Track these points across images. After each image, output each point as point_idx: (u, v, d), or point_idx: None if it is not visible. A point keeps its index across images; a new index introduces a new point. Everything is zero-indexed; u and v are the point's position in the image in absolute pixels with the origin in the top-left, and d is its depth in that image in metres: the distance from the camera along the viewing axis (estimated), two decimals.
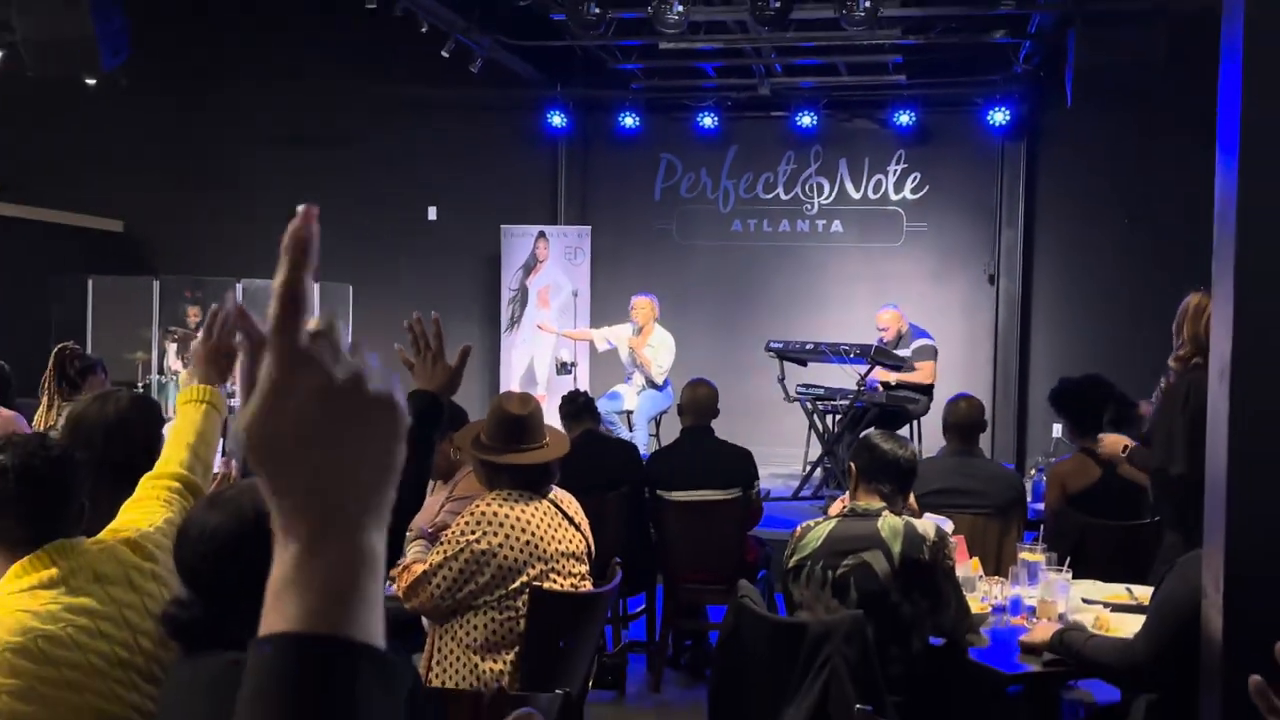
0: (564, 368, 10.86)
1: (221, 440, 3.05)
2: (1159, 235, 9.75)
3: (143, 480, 2.59)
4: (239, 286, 11.24)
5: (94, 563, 2.16)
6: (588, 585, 3.89)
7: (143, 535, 2.29)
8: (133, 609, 2.14)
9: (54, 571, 2.08)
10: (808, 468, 9.23)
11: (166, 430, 3.33)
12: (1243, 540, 2.56)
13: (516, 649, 3.62)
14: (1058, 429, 9.88)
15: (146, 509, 2.44)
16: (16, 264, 10.79)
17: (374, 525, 0.72)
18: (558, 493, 4.00)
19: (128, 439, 2.94)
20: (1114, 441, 4.03)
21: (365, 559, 0.70)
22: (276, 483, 0.72)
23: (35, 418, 5.57)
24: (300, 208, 0.76)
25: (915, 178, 11.33)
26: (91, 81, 9.25)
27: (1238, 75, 2.59)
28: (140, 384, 9.94)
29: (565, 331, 10.72)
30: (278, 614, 0.68)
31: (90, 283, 11.33)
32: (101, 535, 2.31)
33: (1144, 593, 3.74)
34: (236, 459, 3.33)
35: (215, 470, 2.97)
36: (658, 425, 9.02)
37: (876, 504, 3.62)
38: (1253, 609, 2.46)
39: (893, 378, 8.77)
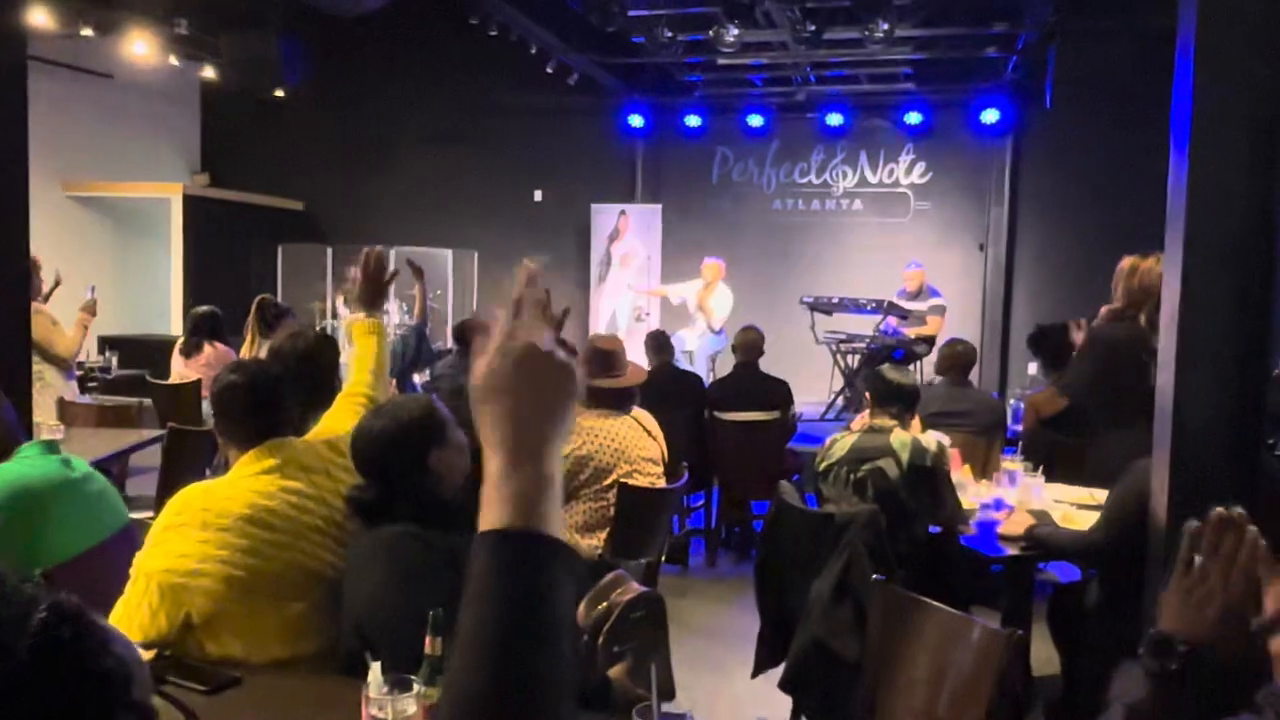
0: (639, 317, 10.95)
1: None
2: (1117, 211, 9.54)
3: (339, 397, 2.71)
4: (392, 252, 11.40)
5: (301, 456, 2.25)
6: (661, 483, 3.96)
7: (338, 438, 2.38)
8: (329, 491, 2.22)
9: (272, 461, 2.18)
10: (832, 396, 9.29)
11: (344, 358, 3.44)
12: (1183, 449, 2.56)
13: (607, 529, 3.71)
14: (1033, 367, 9.77)
15: (340, 418, 2.54)
16: (225, 235, 11.06)
17: (552, 456, 0.82)
18: (638, 411, 4.09)
19: (315, 364, 3.06)
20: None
21: (546, 479, 0.80)
22: (489, 419, 0.84)
23: (241, 351, 5.73)
24: (526, 265, 0.94)
25: (921, 166, 11.19)
26: (279, 94, 9.36)
27: (1189, 87, 2.55)
28: (319, 326, 10.15)
29: (649, 290, 10.77)
30: (489, 518, 0.78)
31: (280, 250, 11.56)
32: (306, 437, 2.40)
33: (1101, 494, 3.72)
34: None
35: None
36: (713, 362, 9.07)
37: (889, 423, 3.63)
38: (1191, 505, 2.46)
39: (911, 332, 8.77)
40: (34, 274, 4.39)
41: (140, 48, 9.06)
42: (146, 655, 1.93)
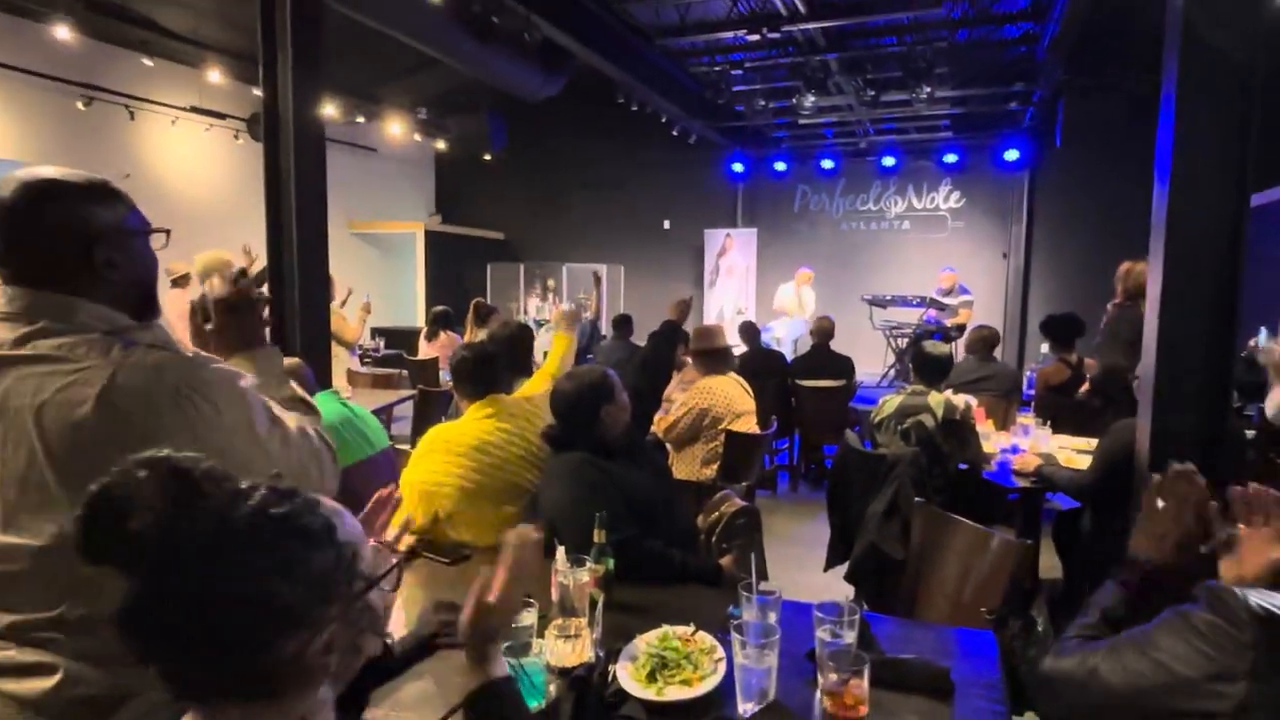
0: (740, 310, 10.90)
1: None
2: (1112, 226, 8.97)
3: (536, 373, 2.84)
4: (564, 268, 11.67)
5: (509, 407, 2.35)
6: (757, 430, 3.95)
7: (534, 396, 2.48)
8: (529, 431, 2.30)
9: (490, 410, 2.29)
10: (885, 369, 9.07)
11: (538, 343, 3.56)
12: (1162, 413, 2.43)
13: (718, 462, 3.73)
14: (1044, 347, 9.26)
15: (535, 385, 2.66)
16: (452, 257, 11.50)
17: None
18: (734, 375, 4.08)
19: (518, 345, 3.18)
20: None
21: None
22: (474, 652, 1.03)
23: (464, 337, 5.99)
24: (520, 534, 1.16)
25: (956, 194, 10.69)
26: (487, 157, 9.67)
27: (1170, 131, 2.39)
28: (517, 319, 10.52)
29: (777, 307, 9.85)
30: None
31: (488, 267, 11.97)
32: (513, 395, 2.51)
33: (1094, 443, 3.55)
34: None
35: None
36: (795, 344, 8.96)
37: (924, 387, 3.55)
38: (1169, 452, 2.34)
39: (949, 322, 8.48)
40: (331, 286, 4.69)
41: (395, 129, 9.54)
42: (409, 540, 2.09)
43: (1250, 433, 3.77)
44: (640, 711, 1.33)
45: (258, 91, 3.75)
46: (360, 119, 9.33)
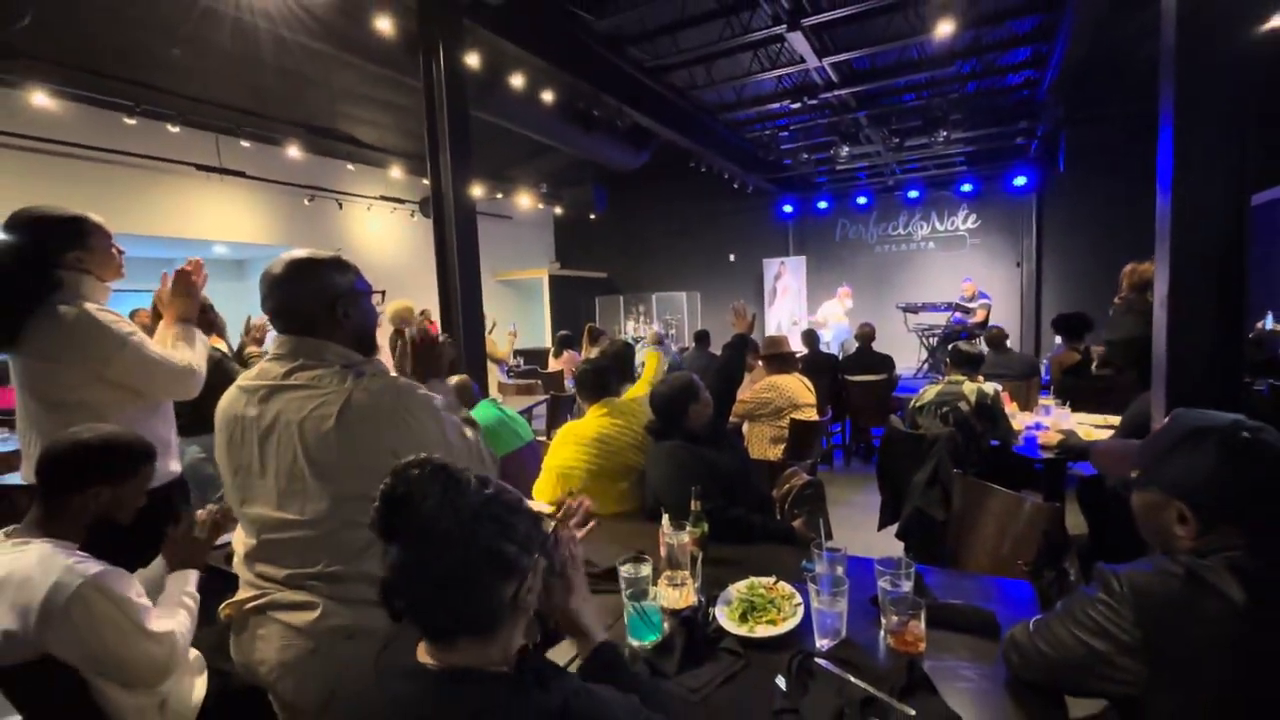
0: (795, 322, 10.59)
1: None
2: (1107, 236, 8.19)
3: (639, 382, 2.82)
4: (654, 296, 11.70)
5: (620, 406, 2.33)
6: (815, 416, 3.83)
7: (641, 397, 2.44)
8: (636, 424, 2.28)
9: (605, 409, 2.28)
10: (919, 364, 8.64)
11: (639, 358, 3.54)
12: (1178, 388, 2.19)
13: (784, 444, 3.63)
14: (1057, 340, 8.55)
15: (637, 390, 2.64)
16: (568, 294, 11.69)
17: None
18: (799, 375, 3.95)
19: (623, 359, 3.18)
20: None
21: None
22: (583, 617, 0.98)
23: (582, 354, 6.08)
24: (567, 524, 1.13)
25: (973, 217, 9.99)
26: (593, 216, 9.86)
27: (1169, 148, 2.16)
28: (621, 338, 10.61)
29: (818, 319, 9.32)
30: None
31: (596, 300, 12.15)
32: (623, 397, 2.49)
33: (1114, 419, 3.23)
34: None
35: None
36: (843, 346, 8.62)
37: (962, 378, 3.33)
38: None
39: (971, 321, 7.99)
40: (484, 321, 4.90)
41: (524, 201, 9.87)
42: (549, 510, 2.13)
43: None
44: (737, 645, 1.30)
45: (426, 181, 3.97)
46: (499, 195, 9.72)
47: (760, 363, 4.08)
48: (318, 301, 1.21)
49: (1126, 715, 0.98)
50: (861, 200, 10.52)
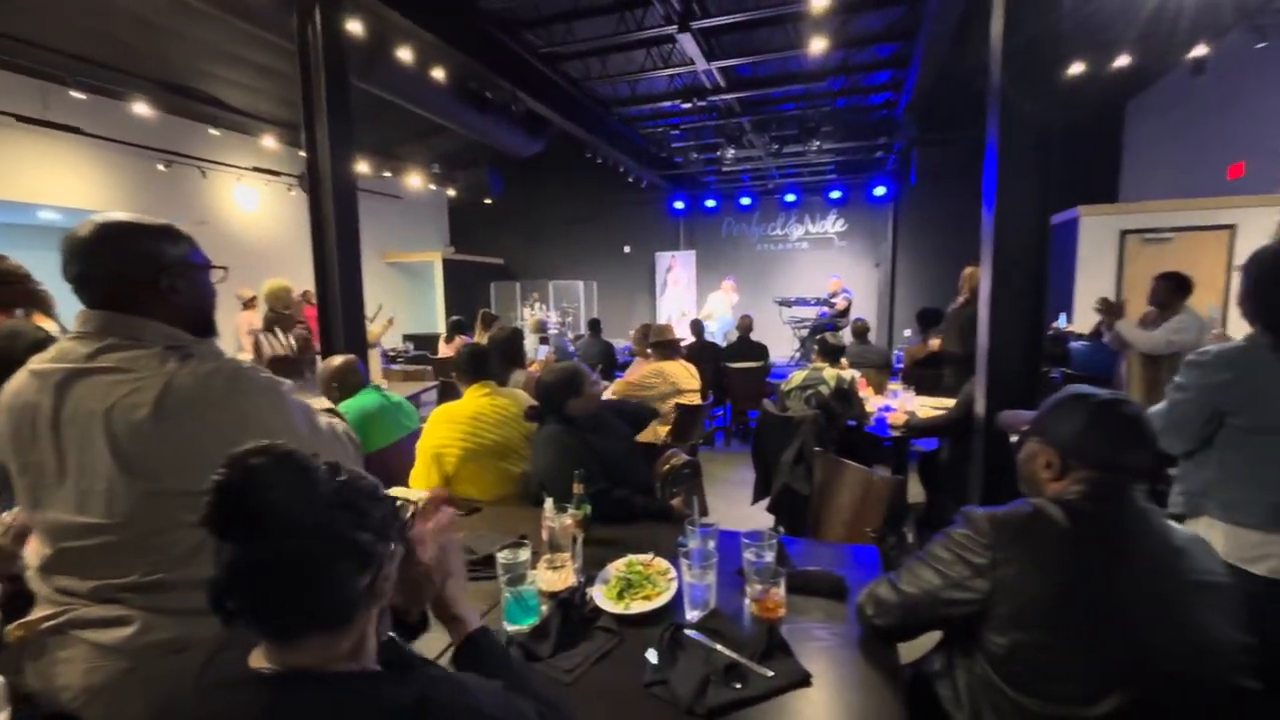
0: (683, 313, 10.85)
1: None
2: (954, 242, 9.14)
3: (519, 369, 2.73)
4: (551, 284, 11.51)
5: (502, 390, 2.25)
6: (699, 401, 3.93)
7: (518, 391, 2.37)
8: (518, 406, 2.20)
9: (486, 390, 2.19)
10: (792, 353, 9.10)
11: (528, 343, 3.43)
12: (994, 374, 2.46)
13: (670, 426, 3.69)
14: (907, 332, 9.43)
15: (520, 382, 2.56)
16: (462, 279, 11.17)
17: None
18: (684, 362, 4.03)
19: (510, 344, 3.08)
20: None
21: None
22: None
23: (474, 339, 5.83)
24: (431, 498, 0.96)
25: (841, 221, 10.73)
26: (488, 201, 9.47)
27: (993, 171, 2.41)
28: (513, 324, 10.29)
29: (703, 313, 9.55)
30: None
31: (492, 285, 11.73)
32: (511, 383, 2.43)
33: (948, 401, 3.59)
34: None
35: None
36: (725, 336, 8.96)
37: (824, 364, 3.55)
38: (996, 406, 2.37)
39: (832, 312, 8.57)
40: (365, 304, 4.55)
41: (414, 181, 9.28)
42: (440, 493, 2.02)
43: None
44: (612, 622, 1.30)
45: (304, 153, 3.59)
46: (387, 173, 9.06)
47: (650, 350, 4.12)
48: (138, 272, 1.03)
49: (957, 639, 1.11)
50: (745, 201, 10.96)
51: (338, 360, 2.46)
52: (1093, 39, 5.50)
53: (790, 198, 10.69)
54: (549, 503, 1.61)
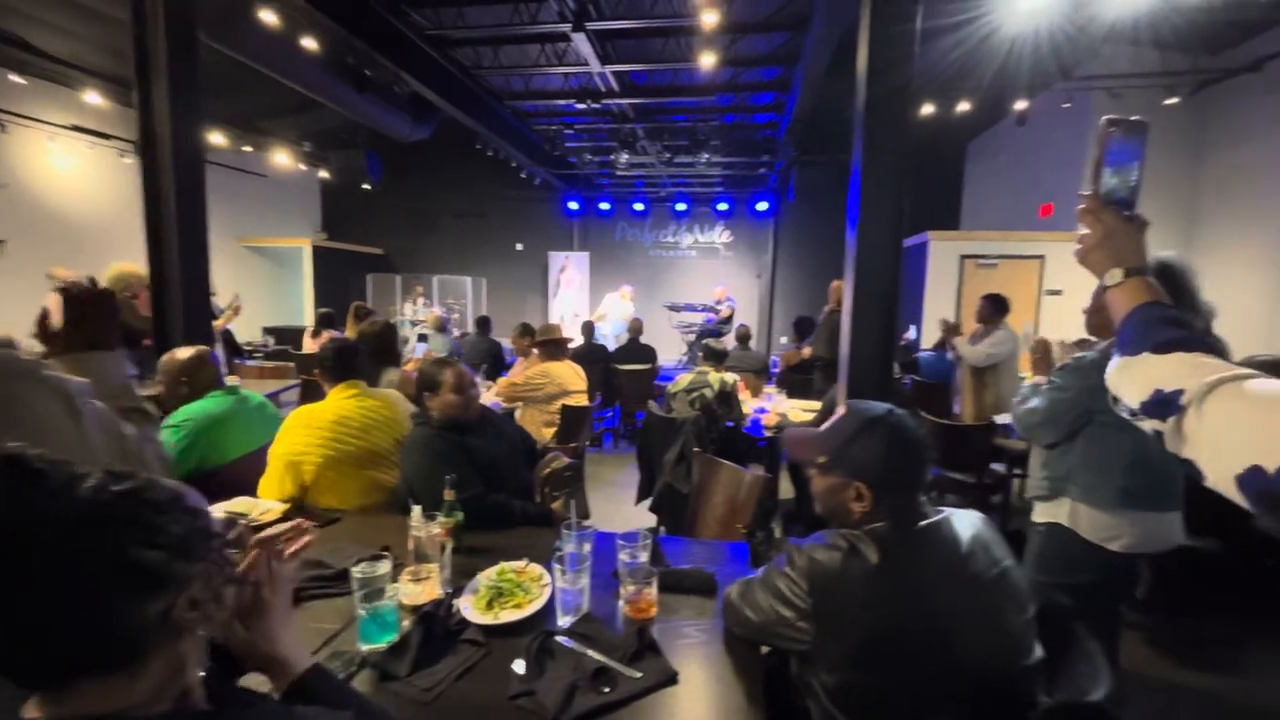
0: (576, 314, 10.81)
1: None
2: (827, 255, 9.88)
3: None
4: (436, 279, 10.95)
5: (372, 391, 2.08)
6: (585, 402, 3.91)
7: (390, 392, 2.20)
8: (390, 409, 2.07)
9: (353, 390, 2.01)
10: (680, 355, 9.34)
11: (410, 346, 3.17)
12: (854, 379, 2.66)
13: (555, 428, 3.64)
14: (784, 339, 10.05)
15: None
16: (337, 268, 10.36)
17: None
18: (570, 363, 3.98)
19: (383, 339, 2.86)
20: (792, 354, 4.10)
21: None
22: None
23: (345, 334, 5.39)
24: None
25: (727, 233, 11.23)
26: (366, 186, 8.82)
27: (857, 194, 2.62)
28: (391, 320, 9.67)
29: (595, 314, 9.53)
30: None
31: (369, 277, 10.94)
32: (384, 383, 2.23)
33: (816, 404, 3.84)
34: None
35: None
36: (617, 339, 9.02)
37: (709, 368, 3.67)
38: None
39: (718, 319, 8.90)
40: (212, 289, 4.02)
41: (281, 159, 8.41)
42: (282, 507, 1.82)
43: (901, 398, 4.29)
44: (480, 634, 1.24)
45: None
46: (248, 148, 8.13)
47: (536, 350, 4.03)
48: None
49: (801, 663, 1.14)
50: (639, 207, 11.15)
51: (186, 353, 2.12)
52: (942, 85, 6.21)
53: (681, 206, 11.03)
54: (416, 510, 1.50)
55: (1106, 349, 1.73)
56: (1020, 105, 6.25)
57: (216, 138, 7.36)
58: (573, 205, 11.12)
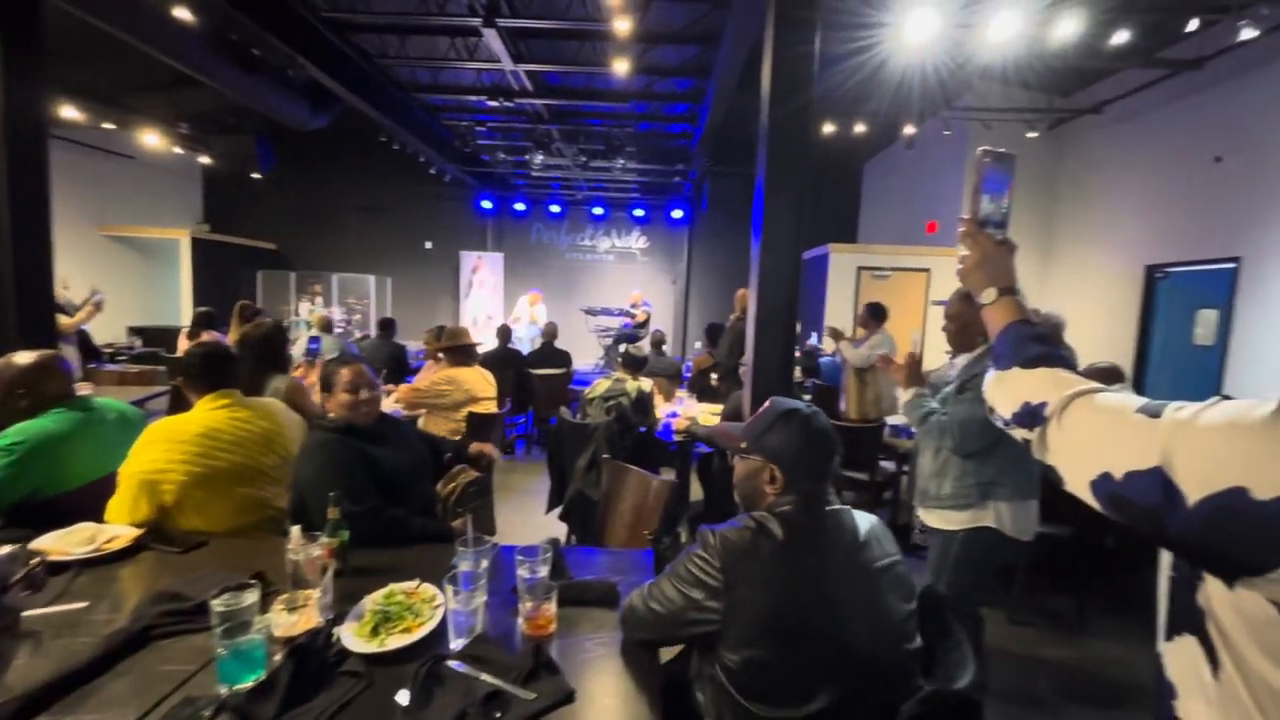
0: (489, 316, 10.52)
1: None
2: (735, 264, 10.21)
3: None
4: (336, 277, 10.26)
5: (247, 401, 1.88)
6: (495, 409, 3.79)
7: (271, 401, 2.00)
8: (270, 420, 1.88)
9: (225, 400, 1.81)
10: (596, 360, 9.31)
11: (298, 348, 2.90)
12: (758, 383, 2.75)
13: (460, 435, 3.50)
14: (697, 344, 10.29)
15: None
16: (221, 264, 9.46)
17: None
18: (480, 369, 3.85)
19: (270, 344, 2.63)
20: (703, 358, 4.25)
21: None
22: None
23: (228, 338, 4.92)
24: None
25: (644, 238, 11.37)
26: (256, 175, 8.12)
27: (760, 207, 2.71)
28: (284, 322, 8.95)
29: (512, 319, 9.46)
30: None
31: (259, 274, 10.07)
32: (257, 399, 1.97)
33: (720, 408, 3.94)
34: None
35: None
36: (531, 342, 8.85)
37: (626, 375, 3.67)
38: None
39: (634, 323, 8.95)
40: (54, 280, 3.53)
41: (152, 140, 7.55)
42: (134, 533, 1.62)
43: (806, 397, 4.52)
44: (361, 664, 1.15)
45: None
46: (110, 125, 7.23)
47: (442, 355, 3.87)
48: None
49: (703, 653, 1.15)
50: (555, 209, 11.04)
51: (25, 358, 1.78)
52: (844, 108, 6.61)
53: (598, 211, 11.04)
54: (295, 531, 1.38)
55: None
56: (909, 130, 6.77)
57: (69, 111, 6.49)
58: (486, 204, 10.82)
